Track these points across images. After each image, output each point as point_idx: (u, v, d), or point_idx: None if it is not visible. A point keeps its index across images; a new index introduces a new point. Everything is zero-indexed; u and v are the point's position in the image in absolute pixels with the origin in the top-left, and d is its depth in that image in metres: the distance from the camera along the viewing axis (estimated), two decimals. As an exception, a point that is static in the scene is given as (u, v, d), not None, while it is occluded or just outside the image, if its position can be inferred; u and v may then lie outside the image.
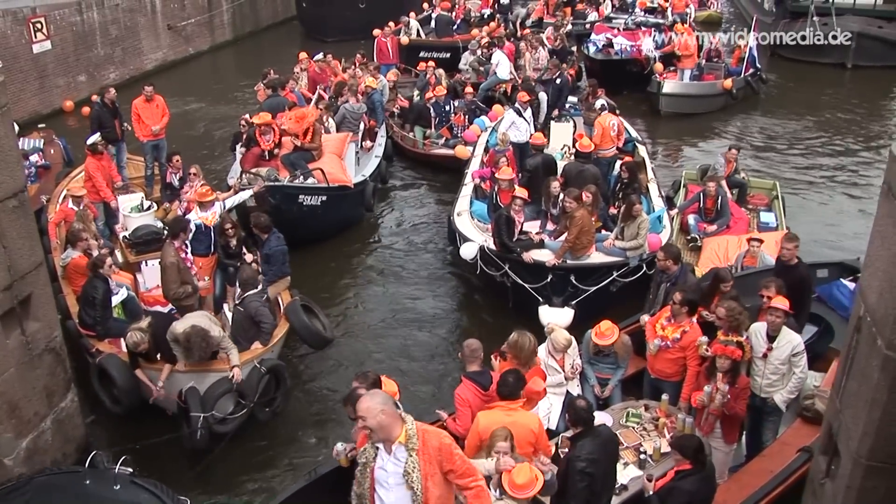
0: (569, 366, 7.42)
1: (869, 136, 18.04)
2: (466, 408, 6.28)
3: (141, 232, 10.62)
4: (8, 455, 6.84)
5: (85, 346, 8.58)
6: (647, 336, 7.65)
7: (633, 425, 7.21)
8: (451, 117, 15.72)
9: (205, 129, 17.92)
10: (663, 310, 7.72)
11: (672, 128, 18.15)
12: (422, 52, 20.66)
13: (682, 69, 19.14)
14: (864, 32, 22.67)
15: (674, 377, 7.51)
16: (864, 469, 5.05)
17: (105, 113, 12.76)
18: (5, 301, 6.58)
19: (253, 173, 11.57)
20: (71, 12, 19.08)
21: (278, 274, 9.48)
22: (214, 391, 7.69)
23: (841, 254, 11.33)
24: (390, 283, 11.63)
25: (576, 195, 9.86)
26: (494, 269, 9.96)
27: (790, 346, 6.99)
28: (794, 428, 7.30)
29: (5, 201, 6.53)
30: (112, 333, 8.65)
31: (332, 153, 12.64)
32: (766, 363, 7.07)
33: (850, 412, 5.25)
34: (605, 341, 7.43)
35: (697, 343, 7.24)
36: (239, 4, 26.73)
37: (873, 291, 5.01)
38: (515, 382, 5.97)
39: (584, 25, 23.85)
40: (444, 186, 14.38)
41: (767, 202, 13.19)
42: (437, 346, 10.09)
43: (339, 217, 12.46)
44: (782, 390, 7.08)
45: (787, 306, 7.06)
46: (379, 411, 4.43)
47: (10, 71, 16.47)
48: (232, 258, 9.80)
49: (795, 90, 21.67)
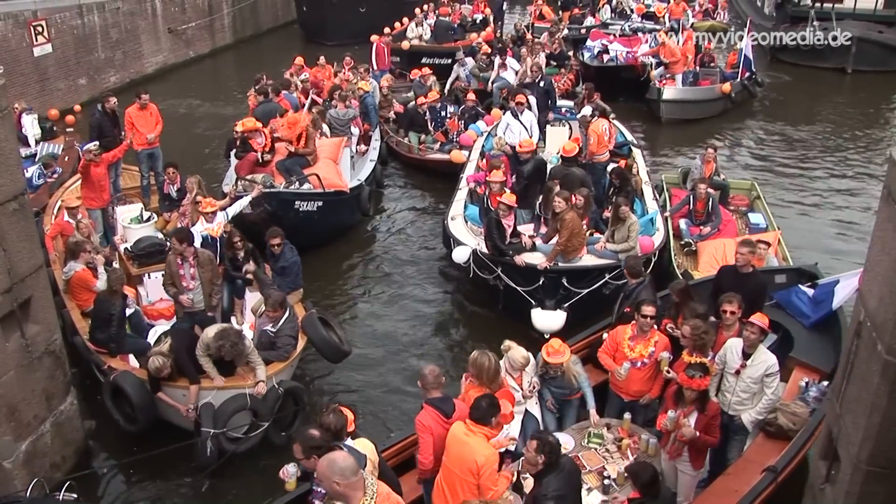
0: (527, 384, 7.12)
1: (869, 140, 18.04)
2: (428, 435, 6.00)
3: (143, 244, 10.40)
4: (7, 458, 6.84)
5: (96, 362, 8.38)
6: (609, 366, 7.36)
7: (595, 447, 6.96)
8: (446, 122, 15.67)
9: (205, 132, 17.93)
10: (617, 332, 7.43)
11: (671, 134, 18.11)
12: (423, 57, 20.66)
13: (675, 74, 19.00)
14: (865, 37, 22.71)
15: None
16: (864, 474, 5.05)
17: (106, 121, 12.63)
18: (5, 304, 6.58)
19: (248, 180, 11.52)
20: (72, 15, 19.12)
21: (292, 286, 9.36)
22: (228, 407, 7.52)
23: (839, 261, 11.35)
24: (386, 286, 11.60)
25: (565, 196, 9.84)
26: (487, 273, 9.97)
27: (764, 366, 6.78)
28: (757, 444, 7.04)
29: (5, 204, 6.54)
30: (125, 350, 8.50)
31: (328, 158, 12.59)
32: (739, 380, 6.85)
33: (850, 417, 5.24)
34: (557, 359, 7.06)
35: (659, 359, 7.09)
36: (239, 8, 26.77)
37: (873, 296, 5.00)
38: (487, 408, 5.73)
39: (580, 30, 23.84)
40: (438, 191, 14.37)
41: (748, 202, 13.17)
42: (434, 348, 10.08)
43: (336, 222, 12.42)
44: (751, 410, 6.88)
45: (766, 324, 6.89)
46: (332, 482, 4.15)
47: (11, 74, 16.48)
48: (239, 270, 9.70)
49: (795, 94, 21.68)
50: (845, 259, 11.80)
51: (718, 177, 13.02)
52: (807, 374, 7.84)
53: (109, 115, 12.69)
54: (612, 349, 7.38)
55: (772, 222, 12.18)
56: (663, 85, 18.60)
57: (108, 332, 8.28)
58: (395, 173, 15.80)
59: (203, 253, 8.94)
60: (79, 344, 8.55)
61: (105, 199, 11.31)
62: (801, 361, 8.04)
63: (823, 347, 8.21)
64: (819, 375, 7.80)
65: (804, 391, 7.49)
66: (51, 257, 9.79)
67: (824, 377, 7.70)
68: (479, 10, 25.23)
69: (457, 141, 14.99)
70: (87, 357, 8.53)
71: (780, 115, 19.81)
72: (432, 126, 15.69)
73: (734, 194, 13.19)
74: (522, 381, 7.09)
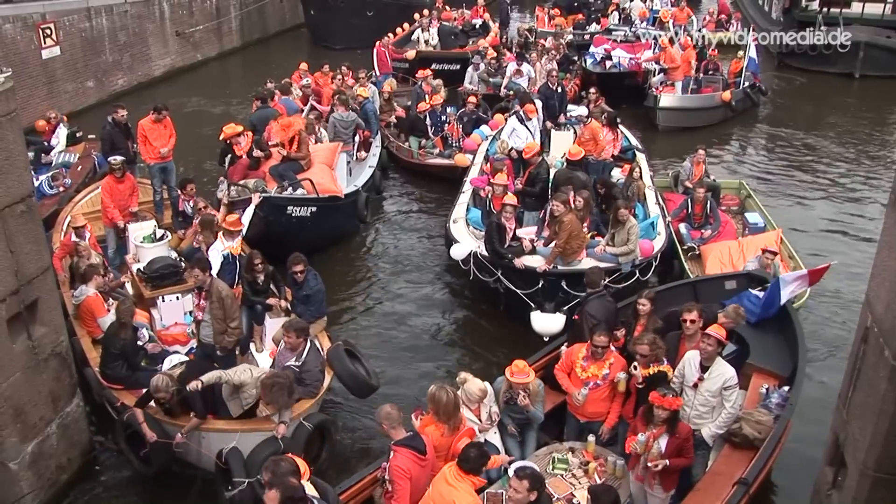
0: (485, 415, 6.83)
1: (877, 144, 18.00)
2: (406, 481, 5.55)
3: (157, 265, 9.67)
4: (13, 459, 6.86)
5: (108, 399, 7.94)
6: (566, 387, 7.15)
7: (562, 473, 6.68)
8: (445, 127, 15.53)
9: (212, 135, 17.90)
10: (573, 350, 7.24)
11: (669, 140, 17.72)
12: (433, 63, 20.49)
13: (675, 81, 18.72)
14: (873, 42, 22.67)
15: (605, 415, 7.11)
16: (872, 480, 5.03)
17: (117, 133, 12.22)
18: (12, 305, 6.60)
19: (241, 185, 11.29)
20: (80, 18, 19.20)
21: (316, 315, 8.68)
22: (260, 454, 6.91)
23: (845, 266, 11.29)
24: (383, 291, 11.51)
25: (563, 199, 9.81)
26: (488, 275, 9.94)
27: (722, 379, 6.56)
28: (724, 456, 6.87)
29: (13, 206, 6.56)
30: (139, 384, 7.77)
31: (322, 163, 12.27)
32: (697, 394, 6.64)
33: (857, 423, 5.22)
34: (522, 378, 6.77)
35: (616, 380, 6.93)
36: (247, 11, 26.85)
37: (881, 302, 4.99)
38: (477, 458, 5.42)
39: (584, 36, 23.74)
40: (438, 197, 14.29)
41: (738, 202, 13.18)
42: (433, 354, 10.04)
43: (331, 228, 12.15)
44: (710, 424, 6.65)
45: (724, 335, 6.70)
46: None
47: (20, 76, 16.51)
48: (259, 294, 8.96)
49: (802, 99, 21.65)
50: (850, 263, 11.78)
51: (708, 178, 13.06)
52: (765, 379, 7.78)
53: (120, 126, 12.33)
54: (568, 367, 7.19)
55: (770, 220, 12.19)
56: (660, 92, 18.31)
57: (118, 368, 7.88)
58: (396, 178, 15.72)
59: (215, 288, 8.05)
60: (90, 377, 8.17)
61: (123, 217, 10.79)
62: (758, 367, 7.93)
63: (780, 352, 8.14)
64: (777, 380, 7.73)
65: (765, 398, 7.41)
66: (59, 279, 9.07)
67: (783, 382, 7.63)
68: (477, 15, 25.15)
69: (457, 146, 14.92)
70: (99, 392, 8.13)
71: (786, 119, 19.75)
72: (432, 131, 15.58)
73: (724, 194, 13.29)
74: (480, 412, 6.80)
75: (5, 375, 6.63)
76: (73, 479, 7.65)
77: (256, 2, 27.24)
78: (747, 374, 7.67)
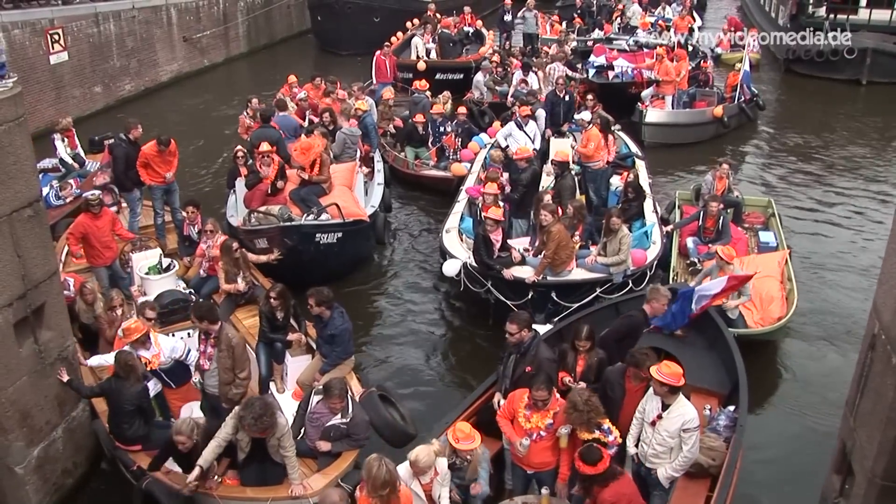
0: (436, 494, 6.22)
1: (884, 151, 17.90)
2: None
3: (165, 300, 9.03)
4: (19, 463, 6.87)
5: (123, 461, 7.18)
6: (509, 436, 6.69)
7: None
8: (443, 138, 15.24)
9: (218, 142, 17.96)
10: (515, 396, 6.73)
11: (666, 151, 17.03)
12: (437, 73, 20.41)
13: (665, 95, 17.87)
14: (880, 48, 22.62)
15: (553, 465, 6.61)
16: (880, 489, 5.00)
17: (132, 150, 11.31)
18: (19, 310, 6.62)
19: (263, 212, 10.71)
20: (88, 24, 19.27)
21: (343, 356, 7.95)
22: None
23: (851, 275, 11.20)
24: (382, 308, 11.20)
25: (551, 209, 9.69)
26: (479, 287, 9.82)
27: (681, 420, 6.18)
28: (681, 489, 6.52)
29: (21, 210, 6.59)
30: (155, 444, 7.05)
31: (343, 185, 11.68)
32: (655, 433, 6.32)
33: (865, 431, 5.20)
34: (468, 445, 6.20)
35: (558, 435, 6.46)
36: (254, 17, 26.95)
37: (888, 309, 4.97)
38: None
39: (586, 43, 23.50)
40: (434, 208, 14.00)
41: (763, 220, 12.70)
42: (434, 362, 9.95)
43: (354, 253, 11.52)
44: (667, 465, 6.33)
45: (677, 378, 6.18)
46: None
47: (28, 82, 16.60)
48: (278, 331, 8.28)
49: (809, 106, 21.55)
50: (857, 273, 11.73)
51: (732, 193, 12.52)
52: (705, 399, 7.46)
53: (135, 144, 11.41)
54: (510, 414, 6.71)
55: (782, 241, 11.76)
56: (646, 107, 17.46)
57: (135, 426, 7.09)
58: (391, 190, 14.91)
59: (225, 335, 7.41)
60: (100, 433, 7.49)
61: (109, 257, 9.79)
62: (695, 387, 7.42)
63: (715, 369, 7.83)
64: (717, 398, 7.49)
65: (712, 420, 7.12)
66: None
67: (722, 400, 7.41)
68: (465, 23, 25.02)
69: (453, 158, 14.76)
70: (111, 453, 7.34)
71: (793, 126, 19.62)
72: (431, 140, 15.34)
73: (749, 211, 12.79)
74: (432, 489, 6.15)
75: (11, 379, 6.65)
76: (79, 484, 7.66)
77: (263, 7, 27.35)
78: (685, 394, 6.64)
